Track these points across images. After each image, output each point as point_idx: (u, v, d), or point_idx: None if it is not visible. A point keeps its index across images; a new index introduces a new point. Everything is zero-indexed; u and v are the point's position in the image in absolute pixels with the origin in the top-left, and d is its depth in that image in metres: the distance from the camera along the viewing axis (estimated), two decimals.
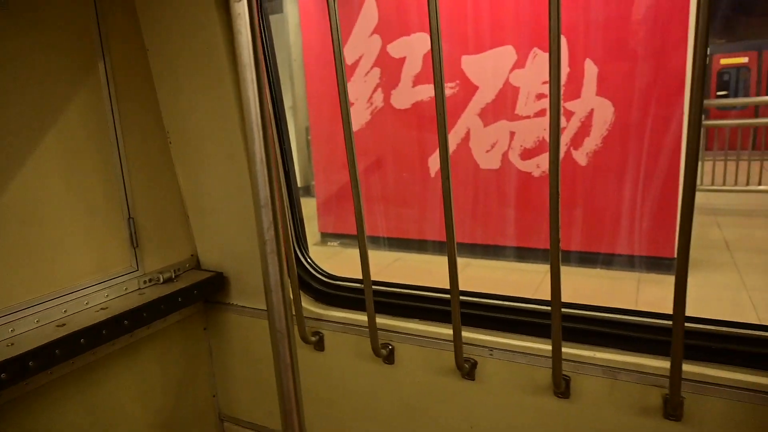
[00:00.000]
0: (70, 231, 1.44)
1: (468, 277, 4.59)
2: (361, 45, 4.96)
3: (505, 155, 4.70)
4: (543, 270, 4.57)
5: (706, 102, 7.59)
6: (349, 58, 5.03)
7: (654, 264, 4.33)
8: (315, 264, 1.73)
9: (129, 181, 1.56)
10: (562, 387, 1.27)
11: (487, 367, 1.38)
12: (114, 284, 1.55)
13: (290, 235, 1.63)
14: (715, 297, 3.92)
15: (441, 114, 1.17)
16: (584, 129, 4.36)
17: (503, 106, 4.63)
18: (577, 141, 4.41)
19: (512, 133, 4.63)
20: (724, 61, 11.15)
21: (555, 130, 1.07)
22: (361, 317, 1.50)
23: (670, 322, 1.09)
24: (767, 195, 6.45)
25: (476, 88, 4.69)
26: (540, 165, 4.59)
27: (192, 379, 1.84)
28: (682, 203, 1.02)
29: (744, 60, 11.16)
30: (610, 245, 4.47)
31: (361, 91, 5.09)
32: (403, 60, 4.87)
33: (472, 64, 4.67)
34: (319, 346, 1.64)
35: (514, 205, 4.77)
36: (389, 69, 4.94)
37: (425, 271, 4.64)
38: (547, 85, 4.11)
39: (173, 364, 1.76)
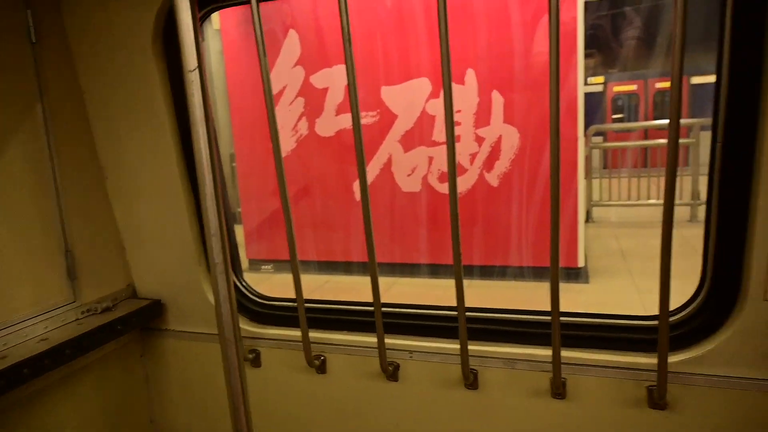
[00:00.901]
0: (7, 265, 1.50)
1: (394, 295, 4.82)
2: (285, 76, 5.15)
3: (424, 179, 5.02)
4: (466, 284, 4.88)
5: (599, 126, 8.43)
6: (273, 88, 5.17)
7: (563, 274, 4.78)
8: (249, 286, 1.87)
9: (66, 216, 1.64)
10: (470, 379, 1.50)
11: (408, 368, 1.58)
12: (53, 316, 1.60)
13: None
14: (612, 300, 4.39)
15: (359, 142, 1.36)
16: (494, 153, 4.77)
17: (421, 133, 4.96)
18: (489, 164, 4.81)
19: (431, 158, 4.97)
20: (616, 89, 12.38)
21: (452, 156, 1.31)
22: (295, 332, 1.66)
23: (550, 318, 1.34)
24: (657, 208, 7.23)
25: (395, 116, 4.99)
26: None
27: (129, 406, 1.90)
28: (551, 216, 1.28)
29: (633, 87, 12.46)
30: (524, 259, 4.88)
31: (286, 119, 5.25)
32: (326, 90, 5.10)
33: (391, 94, 4.98)
34: (256, 363, 1.77)
35: (434, 226, 5.09)
36: (313, 98, 5.15)
37: (353, 290, 4.82)
38: (461, 114, 4.50)
39: (111, 392, 1.81)
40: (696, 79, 10.62)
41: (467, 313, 1.44)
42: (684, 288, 1.45)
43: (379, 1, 4.81)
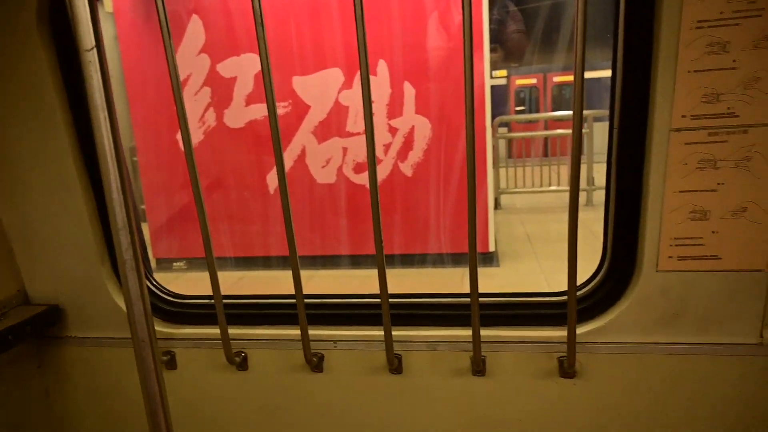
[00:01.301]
0: None
1: (313, 287, 4.78)
2: (189, 64, 4.89)
3: (339, 170, 5.00)
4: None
5: (504, 117, 8.86)
6: None
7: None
8: (161, 285, 1.76)
9: None
10: (395, 364, 1.52)
11: (333, 358, 1.57)
12: None
13: None
14: (521, 282, 4.65)
15: (275, 133, 1.32)
16: (408, 144, 4.85)
17: (335, 124, 4.93)
18: (402, 155, 4.88)
19: (345, 149, 4.95)
20: (519, 82, 13.05)
21: (371, 147, 1.31)
22: (213, 330, 1.59)
23: (469, 299, 1.39)
24: (559, 194, 7.73)
25: (308, 107, 4.92)
26: None
27: (28, 424, 1.73)
28: (468, 203, 1.32)
29: (534, 81, 13.19)
30: (441, 246, 5.02)
31: (192, 110, 4.99)
32: (234, 79, 4.91)
33: (302, 85, 4.90)
34: (171, 365, 1.67)
35: (351, 216, 5.09)
36: (220, 88, 4.93)
37: (270, 284, 4.71)
38: (374, 105, 4.51)
39: (5, 410, 1.64)
40: (590, 74, 11.44)
41: (390, 300, 1.45)
42: (583, 267, 1.56)
43: None
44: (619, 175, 1.39)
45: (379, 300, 1.44)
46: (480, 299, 1.41)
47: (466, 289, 1.41)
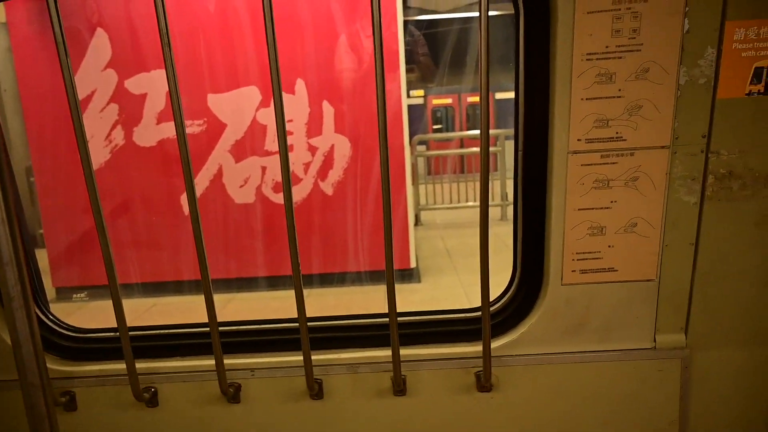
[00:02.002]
0: None
1: (231, 312, 4.61)
2: (93, 79, 4.61)
3: (258, 189, 4.90)
4: (306, 293, 4.87)
5: (422, 136, 9.12)
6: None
7: (397, 275, 5.04)
8: (58, 319, 1.62)
9: None
10: (315, 389, 1.49)
11: (251, 387, 1.52)
12: None
13: None
14: (442, 296, 4.76)
15: (184, 152, 1.27)
16: (328, 162, 4.85)
17: (253, 142, 4.83)
18: (322, 173, 4.87)
19: (264, 168, 4.86)
20: (435, 102, 13.49)
21: (285, 166, 1.30)
22: (119, 365, 1.48)
23: (387, 319, 1.40)
24: (476, 209, 8.02)
25: (224, 125, 4.79)
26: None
27: None
28: (384, 222, 1.34)
29: (449, 101, 13.70)
30: (361, 264, 5.03)
31: (98, 127, 4.70)
32: (144, 96, 4.68)
33: (218, 102, 4.76)
34: (70, 406, 1.54)
35: (271, 236, 4.98)
36: (129, 105, 4.69)
37: (185, 311, 4.49)
38: (293, 124, 4.48)
39: None
40: (500, 95, 12.05)
41: (308, 323, 1.43)
42: (499, 279, 1.63)
43: (203, 5, 4.58)
44: (525, 194, 1.47)
45: (297, 324, 1.42)
46: (398, 319, 1.43)
47: (401, 305, 1.42)
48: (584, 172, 1.38)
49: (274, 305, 4.69)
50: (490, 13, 1.23)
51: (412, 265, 5.09)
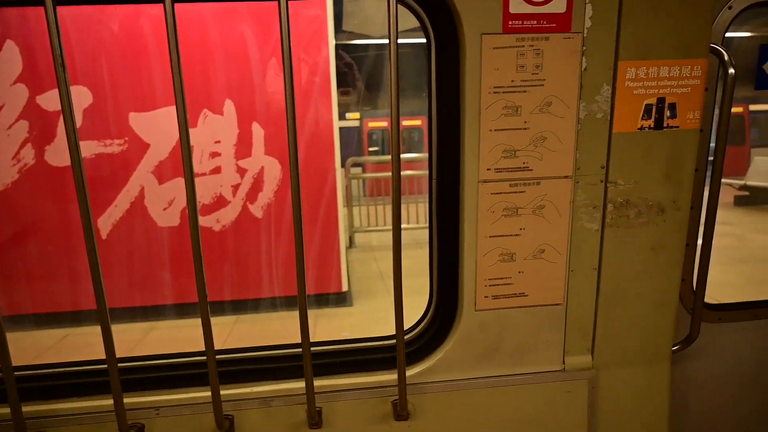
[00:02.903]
0: None
1: (155, 339, 4.37)
2: (1, 94, 4.30)
3: (184, 212, 4.71)
4: (232, 320, 4.70)
5: (356, 158, 9.17)
6: None
7: (328, 300, 4.97)
8: None
9: None
10: (226, 426, 1.42)
11: (155, 427, 1.43)
12: None
13: None
14: (374, 319, 4.74)
15: (78, 173, 1.20)
16: (257, 185, 4.75)
17: (178, 163, 4.66)
18: (252, 196, 4.76)
19: None
20: (371, 125, 13.65)
21: (191, 193, 1.24)
22: (2, 410, 1.35)
23: (300, 350, 1.36)
24: (410, 231, 8.11)
25: (147, 145, 4.60)
26: (220, 219, 4.77)
27: None
28: (296, 249, 1.31)
29: (385, 124, 13.90)
30: (293, 288, 4.93)
31: (4, 145, 4.38)
32: (58, 113, 4.42)
33: (141, 122, 4.57)
34: None
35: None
36: (41, 122, 4.41)
37: (94, 344, 4.21)
38: (221, 145, 4.34)
39: None
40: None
41: (218, 356, 1.36)
42: (424, 301, 1.63)
43: (124, 22, 4.41)
44: (439, 222, 1.49)
45: (205, 357, 1.35)
46: (312, 349, 1.39)
47: (321, 333, 1.38)
48: (494, 201, 1.42)
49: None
50: (418, 40, 1.25)
51: (344, 288, 5.04)
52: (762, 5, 1.59)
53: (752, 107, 14.18)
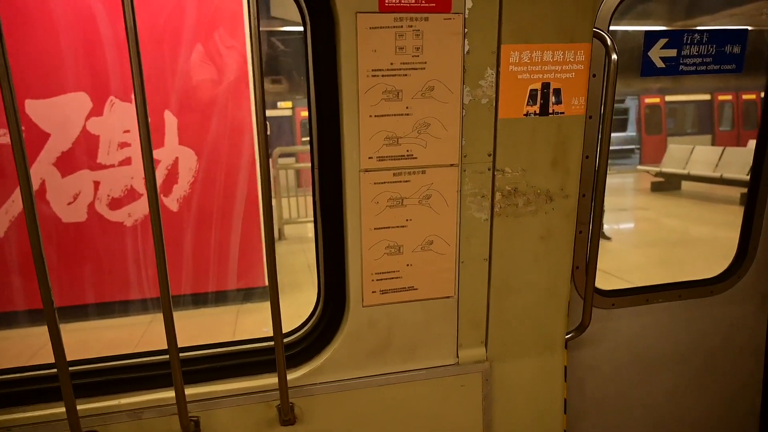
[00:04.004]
0: None
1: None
2: None
3: (91, 206, 4.39)
4: (145, 321, 4.45)
5: (284, 148, 8.95)
6: None
7: (251, 294, 4.80)
8: None
9: None
10: None
11: None
12: None
13: None
14: (296, 313, 4.62)
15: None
16: (172, 176, 4.49)
17: (83, 154, 4.33)
18: (166, 188, 4.50)
19: (97, 183, 4.37)
20: (304, 113, 13.37)
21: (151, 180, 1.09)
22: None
23: (168, 356, 1.24)
24: None
25: (48, 135, 4.24)
26: (131, 214, 4.48)
27: None
28: (155, 245, 1.19)
29: None
30: (210, 285, 4.72)
31: None
32: None
33: (39, 109, 4.20)
34: None
35: (108, 258, 4.49)
36: None
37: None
38: (130, 134, 4.05)
39: None
40: None
41: (71, 368, 1.22)
42: None
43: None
44: (323, 215, 1.41)
45: (55, 370, 1.20)
46: (182, 354, 1.28)
47: (240, 330, 1.27)
48: (378, 191, 1.35)
49: (110, 335, 4.22)
50: None
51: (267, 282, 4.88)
52: None
53: (668, 98, 15.04)
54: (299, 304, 4.92)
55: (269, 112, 7.11)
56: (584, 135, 1.49)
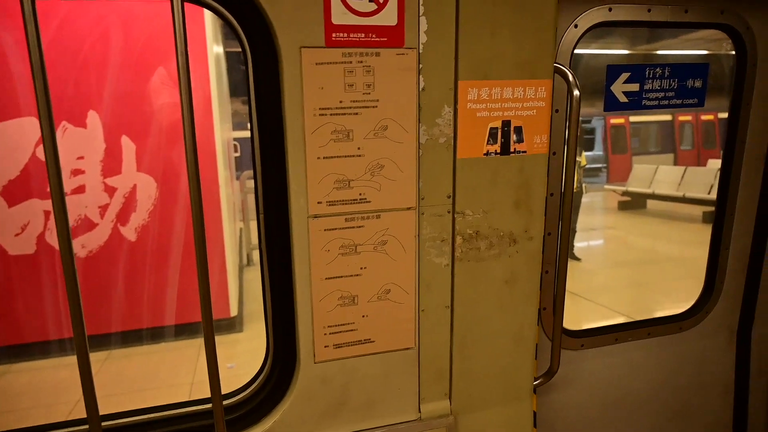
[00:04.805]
0: None
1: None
2: None
3: (41, 237, 4.16)
4: (99, 358, 4.20)
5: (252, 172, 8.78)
6: None
7: (215, 327, 4.59)
8: None
9: None
10: None
11: None
12: None
13: None
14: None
15: None
16: (129, 204, 4.30)
17: (33, 183, 4.11)
18: (123, 217, 4.30)
19: (47, 213, 4.15)
20: None
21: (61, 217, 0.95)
22: None
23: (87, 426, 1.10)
24: None
25: None
26: (85, 245, 4.26)
27: None
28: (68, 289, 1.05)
29: None
30: (173, 317, 4.51)
31: None
32: None
33: None
34: None
35: (59, 292, 4.25)
36: None
37: None
38: (84, 161, 3.85)
39: None
40: None
41: None
42: None
43: None
44: (270, 264, 1.29)
45: None
46: (104, 423, 1.13)
47: (202, 367, 1.13)
48: (329, 238, 1.24)
49: (62, 375, 3.96)
50: None
51: (232, 313, 4.70)
52: (607, 25, 1.55)
53: (632, 118, 15.43)
54: (261, 338, 4.73)
55: (240, 134, 6.95)
56: (548, 172, 1.42)
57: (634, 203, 10.89)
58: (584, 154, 6.55)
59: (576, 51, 1.54)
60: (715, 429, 2.05)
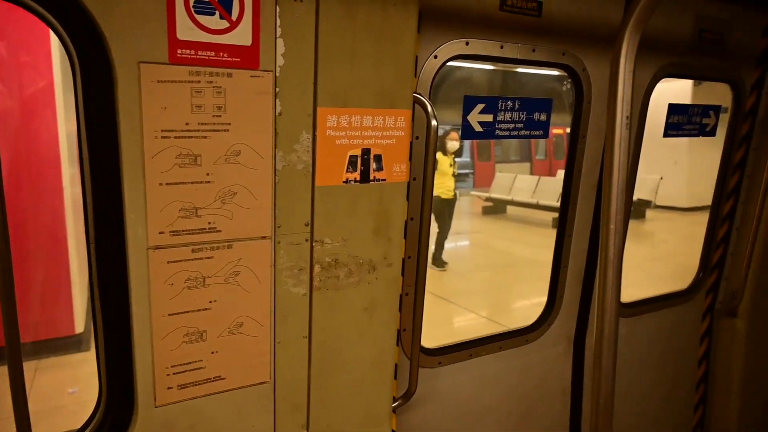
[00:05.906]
0: None
1: None
2: None
3: None
4: None
5: None
6: None
7: (54, 346, 4.08)
8: None
9: None
10: None
11: None
12: None
13: None
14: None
15: None
16: None
17: None
18: None
19: None
20: None
21: None
22: None
23: None
24: None
25: None
26: None
27: None
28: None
29: None
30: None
31: None
32: None
33: None
34: None
35: None
36: None
37: None
38: None
39: None
40: None
41: None
42: None
43: None
44: (104, 300, 1.15)
45: None
46: None
47: (36, 395, 0.90)
48: (172, 271, 1.13)
49: None
50: None
51: (78, 330, 4.21)
52: (464, 57, 1.62)
53: None
54: None
55: None
56: (408, 198, 1.44)
57: (496, 208, 11.77)
58: (456, 161, 6.92)
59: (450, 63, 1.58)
60: (555, 431, 2.25)
